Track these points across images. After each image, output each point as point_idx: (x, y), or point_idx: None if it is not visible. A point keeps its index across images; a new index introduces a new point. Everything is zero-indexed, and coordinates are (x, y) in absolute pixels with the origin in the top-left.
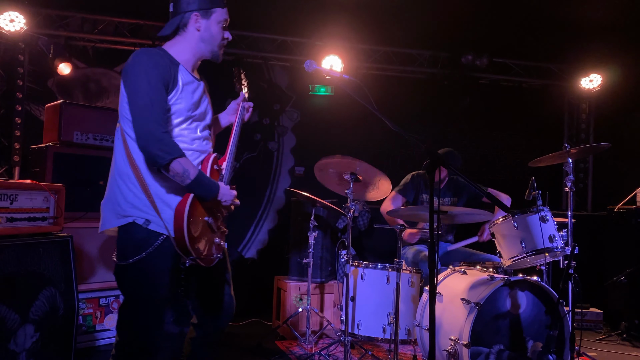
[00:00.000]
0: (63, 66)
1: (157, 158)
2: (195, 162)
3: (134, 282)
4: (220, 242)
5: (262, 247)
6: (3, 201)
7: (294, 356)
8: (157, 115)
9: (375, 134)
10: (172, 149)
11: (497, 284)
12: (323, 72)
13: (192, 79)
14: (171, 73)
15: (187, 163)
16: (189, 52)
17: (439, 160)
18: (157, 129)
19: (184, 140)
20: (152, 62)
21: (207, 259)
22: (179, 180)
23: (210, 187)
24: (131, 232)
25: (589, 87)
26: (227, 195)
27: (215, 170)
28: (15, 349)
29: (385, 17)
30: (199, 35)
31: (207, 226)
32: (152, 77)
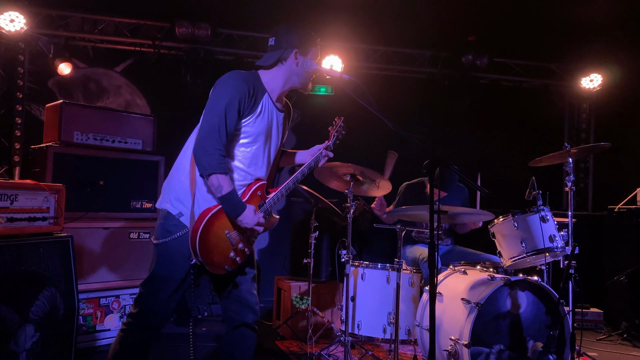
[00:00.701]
0: (63, 66)
1: (202, 168)
2: (242, 183)
3: (156, 259)
4: (236, 258)
5: (262, 247)
6: (3, 201)
7: (294, 356)
8: (219, 133)
9: (375, 134)
10: (217, 165)
11: (497, 284)
12: (323, 72)
13: (272, 107)
14: (252, 100)
15: (225, 180)
16: (281, 82)
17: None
18: (213, 146)
19: (241, 160)
20: (238, 86)
21: (215, 267)
22: (213, 191)
23: (237, 207)
24: (166, 219)
25: (590, 87)
26: (248, 218)
27: (257, 196)
28: (15, 349)
29: (386, 17)
30: (296, 69)
31: (225, 239)
32: (231, 100)
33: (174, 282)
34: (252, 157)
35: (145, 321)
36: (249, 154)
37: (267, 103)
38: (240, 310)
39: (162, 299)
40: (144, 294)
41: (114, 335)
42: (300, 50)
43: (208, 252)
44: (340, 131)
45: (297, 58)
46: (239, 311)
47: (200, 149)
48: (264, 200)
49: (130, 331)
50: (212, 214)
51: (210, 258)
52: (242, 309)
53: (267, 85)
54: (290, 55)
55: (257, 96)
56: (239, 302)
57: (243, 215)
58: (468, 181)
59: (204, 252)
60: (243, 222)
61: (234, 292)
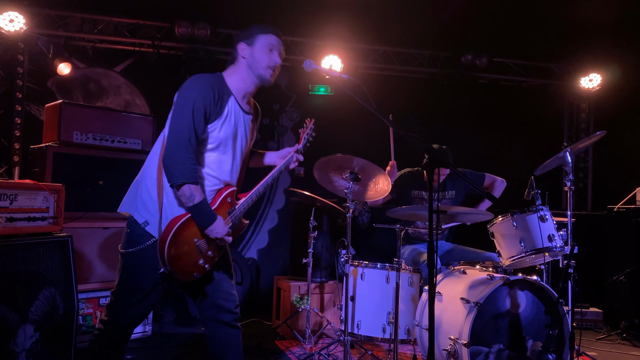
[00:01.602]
0: (63, 66)
1: (173, 177)
2: (211, 188)
3: (123, 269)
4: (205, 265)
5: (262, 247)
6: (3, 201)
7: (293, 356)
8: (187, 140)
9: (375, 134)
10: (189, 175)
11: (496, 284)
12: (322, 72)
13: (239, 110)
14: (218, 104)
15: (196, 190)
16: (240, 81)
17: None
18: (182, 153)
19: (209, 166)
20: (202, 90)
21: (183, 275)
22: (184, 201)
23: (207, 217)
24: (132, 227)
25: (589, 87)
26: (218, 228)
27: (227, 203)
28: (15, 349)
29: (385, 17)
30: (246, 62)
31: (194, 247)
32: (196, 105)
33: (141, 292)
34: (219, 163)
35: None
36: (217, 159)
37: (233, 106)
38: (217, 314)
39: (130, 307)
40: (113, 302)
41: None
42: (246, 42)
43: (176, 260)
44: (311, 133)
45: (244, 50)
46: (217, 314)
47: (170, 158)
48: (234, 207)
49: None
50: (181, 223)
51: (179, 266)
52: (219, 313)
53: (231, 87)
54: (239, 50)
55: (222, 100)
56: (217, 305)
57: (213, 226)
58: (467, 181)
59: (172, 261)
60: (213, 233)
61: (209, 297)
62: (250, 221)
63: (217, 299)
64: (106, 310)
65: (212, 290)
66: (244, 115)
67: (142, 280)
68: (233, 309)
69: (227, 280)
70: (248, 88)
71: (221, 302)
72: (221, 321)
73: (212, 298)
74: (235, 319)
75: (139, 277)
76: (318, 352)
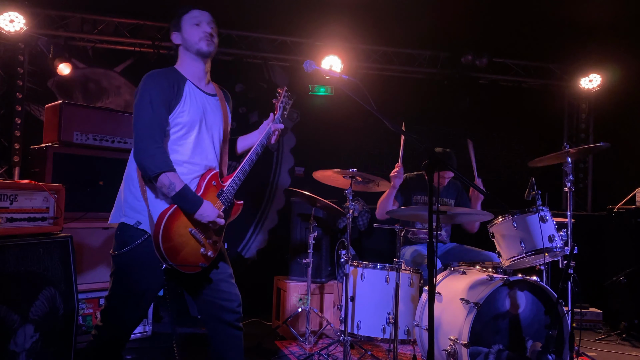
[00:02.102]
0: (63, 66)
1: (147, 170)
2: (193, 175)
3: (117, 272)
4: (207, 253)
5: (262, 247)
6: (3, 201)
7: (293, 356)
8: (152, 132)
9: (375, 134)
10: (162, 163)
11: (496, 284)
12: (322, 73)
13: (199, 92)
14: (174, 89)
15: (175, 177)
16: (187, 66)
17: (438, 160)
18: (151, 145)
19: (183, 153)
20: (155, 83)
21: (187, 267)
22: (165, 192)
23: (193, 203)
24: (123, 230)
25: (589, 87)
26: (207, 212)
27: (213, 186)
28: (15, 349)
29: (385, 17)
30: (182, 47)
31: (190, 237)
32: (153, 97)
33: (135, 294)
34: (194, 147)
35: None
36: (190, 145)
37: (191, 89)
38: (219, 313)
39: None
40: (108, 308)
41: None
42: (175, 30)
43: (176, 253)
44: (287, 101)
45: (177, 38)
46: (218, 313)
47: (140, 152)
48: (222, 189)
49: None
50: (169, 215)
51: (181, 259)
52: (220, 312)
53: (184, 74)
54: (173, 40)
55: (179, 85)
56: (217, 305)
57: (201, 209)
58: (467, 181)
59: (171, 254)
60: (203, 217)
61: (210, 295)
62: (250, 221)
63: (217, 299)
64: (100, 316)
65: (212, 289)
66: (207, 96)
67: (137, 280)
68: (235, 308)
69: (226, 280)
70: (198, 69)
71: (222, 301)
72: (223, 321)
73: (212, 297)
74: (237, 319)
75: (133, 277)
76: (318, 353)
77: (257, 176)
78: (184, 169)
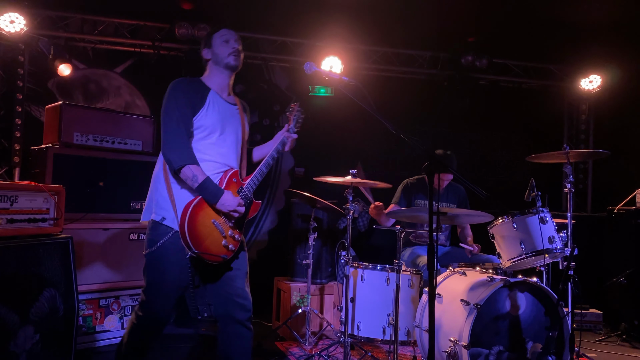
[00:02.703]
0: (63, 67)
1: (172, 162)
2: (216, 171)
3: (148, 269)
4: (229, 245)
5: (262, 248)
6: (3, 202)
7: (293, 357)
8: (178, 129)
9: (375, 135)
10: (187, 156)
11: (496, 285)
12: (323, 74)
13: (221, 100)
14: (199, 96)
15: (198, 170)
16: (214, 77)
17: (438, 162)
18: (177, 140)
19: (206, 152)
20: (181, 88)
21: (210, 257)
22: (190, 183)
23: (215, 193)
24: (152, 228)
25: (589, 88)
26: (228, 202)
27: (234, 182)
28: (15, 350)
29: (385, 18)
30: (212, 62)
31: (214, 228)
32: (179, 100)
33: (167, 286)
34: (216, 147)
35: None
36: (213, 145)
37: (213, 97)
38: (232, 309)
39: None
40: (144, 301)
41: (114, 336)
42: (207, 47)
43: (200, 242)
44: (300, 115)
45: (208, 54)
46: (230, 310)
47: (167, 146)
48: (242, 186)
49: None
50: (194, 205)
51: (205, 248)
52: (234, 308)
53: (208, 84)
54: (204, 56)
55: (202, 92)
56: (231, 301)
57: (222, 199)
58: (466, 182)
59: (196, 243)
60: (225, 206)
61: (225, 291)
62: (250, 222)
63: (232, 295)
64: (139, 306)
65: (229, 285)
66: (228, 105)
67: (167, 274)
68: (248, 306)
69: (243, 277)
70: (223, 81)
71: (236, 297)
72: (235, 318)
73: (228, 293)
74: (248, 318)
75: (162, 271)
76: (318, 354)
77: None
78: (208, 166)
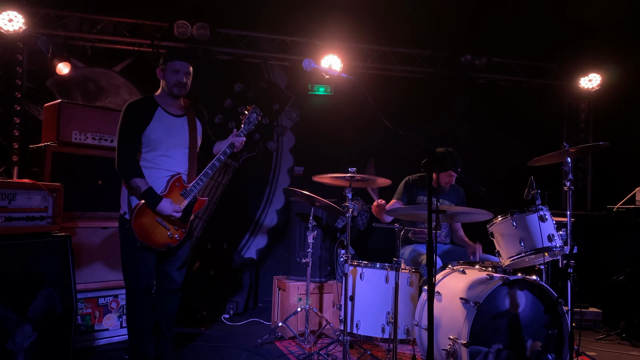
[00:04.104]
0: (62, 66)
1: (122, 176)
2: (161, 177)
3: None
4: (174, 235)
5: (261, 247)
6: (1, 201)
7: (293, 356)
8: (127, 148)
9: (374, 134)
10: (132, 171)
11: (496, 283)
12: (322, 71)
13: (167, 115)
14: (147, 113)
15: (142, 182)
16: (162, 96)
17: (437, 160)
18: (125, 158)
19: (154, 162)
20: (131, 111)
21: (156, 245)
22: (135, 192)
23: (153, 201)
24: (120, 219)
25: (588, 87)
26: (165, 208)
27: (176, 187)
28: (13, 349)
29: (385, 17)
30: (163, 83)
31: (158, 224)
32: (128, 121)
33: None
34: (162, 157)
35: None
36: (161, 156)
37: (160, 114)
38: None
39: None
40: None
41: (112, 335)
42: (161, 68)
43: (147, 235)
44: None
45: (160, 74)
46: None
47: (118, 162)
48: (185, 189)
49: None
50: (139, 208)
51: (151, 240)
52: (167, 281)
53: (158, 101)
54: (157, 73)
55: (150, 109)
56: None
57: (160, 206)
58: (466, 180)
59: (143, 236)
60: (162, 211)
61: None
62: (249, 221)
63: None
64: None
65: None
66: (173, 118)
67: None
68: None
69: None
70: (169, 100)
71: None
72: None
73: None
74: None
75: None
76: (317, 352)
77: (256, 176)
78: (154, 173)
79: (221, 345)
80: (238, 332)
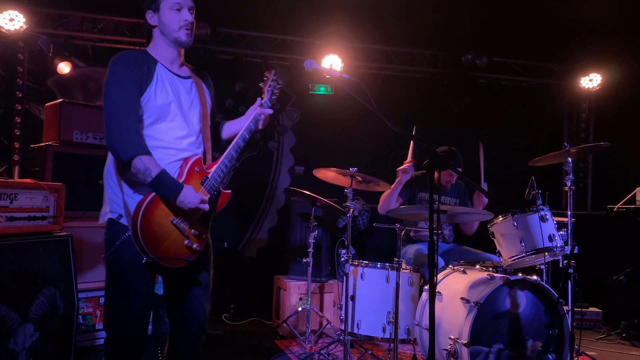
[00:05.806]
0: (63, 65)
1: (120, 154)
2: (173, 160)
3: (108, 274)
4: (192, 245)
5: (261, 247)
6: (3, 200)
7: (293, 355)
8: (124, 112)
9: (375, 133)
10: (136, 146)
11: (496, 283)
12: (323, 72)
13: (171, 75)
14: (145, 70)
15: (150, 161)
16: (160, 49)
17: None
18: (122, 125)
19: (160, 137)
20: (125, 62)
21: (171, 261)
22: (141, 178)
23: (172, 188)
24: (109, 228)
25: (589, 87)
26: (190, 198)
27: (196, 172)
28: (15, 348)
29: (385, 16)
30: (158, 29)
31: (172, 227)
32: (123, 77)
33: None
34: (171, 131)
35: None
36: (167, 130)
37: (162, 71)
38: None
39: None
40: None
41: None
42: (152, 9)
43: (157, 245)
44: (275, 85)
45: (153, 18)
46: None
47: (111, 135)
48: (206, 175)
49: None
50: (147, 203)
51: (162, 251)
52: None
53: (155, 56)
54: (147, 20)
55: (149, 65)
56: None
57: (182, 195)
58: (468, 181)
59: (152, 247)
60: (185, 203)
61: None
62: (250, 220)
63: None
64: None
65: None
66: (180, 79)
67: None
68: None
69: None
70: (171, 54)
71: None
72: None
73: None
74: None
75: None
76: (318, 352)
77: (256, 175)
78: (161, 154)
79: (222, 344)
80: (239, 331)
